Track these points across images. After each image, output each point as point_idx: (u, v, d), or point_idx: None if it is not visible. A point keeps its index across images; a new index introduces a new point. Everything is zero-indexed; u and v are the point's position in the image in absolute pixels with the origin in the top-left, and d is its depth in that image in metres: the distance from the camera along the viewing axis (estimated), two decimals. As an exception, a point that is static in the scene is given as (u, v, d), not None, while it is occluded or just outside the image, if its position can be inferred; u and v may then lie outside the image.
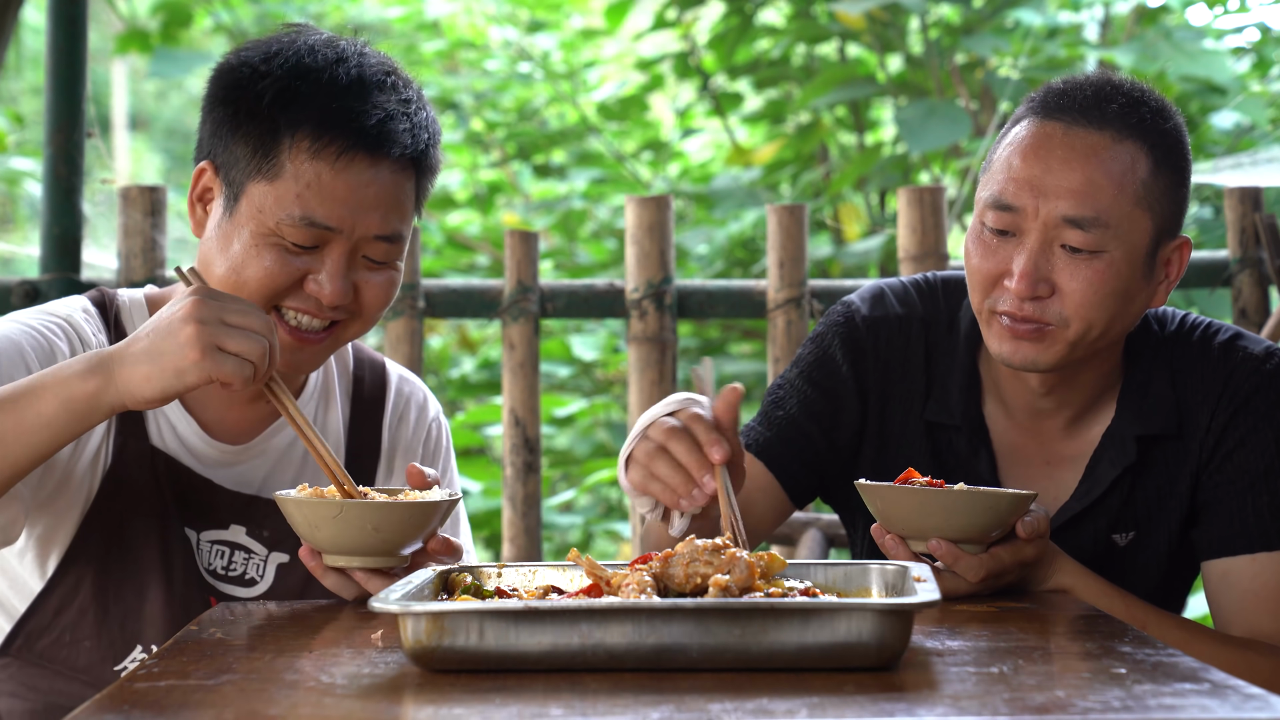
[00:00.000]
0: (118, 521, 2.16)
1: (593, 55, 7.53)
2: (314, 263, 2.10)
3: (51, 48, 3.55)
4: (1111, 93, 2.20)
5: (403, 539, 1.95)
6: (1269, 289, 3.65)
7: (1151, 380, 2.29)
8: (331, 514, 1.92)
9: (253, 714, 1.42)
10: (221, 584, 2.21)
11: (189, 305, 1.90)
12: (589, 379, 6.29)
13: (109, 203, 3.89)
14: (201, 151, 2.16)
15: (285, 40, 2.15)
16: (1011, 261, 2.17)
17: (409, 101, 2.14)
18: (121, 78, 11.39)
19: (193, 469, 2.20)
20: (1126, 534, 2.30)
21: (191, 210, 2.17)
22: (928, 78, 5.72)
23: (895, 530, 2.04)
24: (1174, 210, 2.21)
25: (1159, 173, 2.18)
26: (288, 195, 2.07)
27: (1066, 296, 2.16)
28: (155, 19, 6.87)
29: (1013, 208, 2.17)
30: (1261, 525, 2.24)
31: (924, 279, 2.41)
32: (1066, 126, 2.17)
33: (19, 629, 2.17)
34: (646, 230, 3.56)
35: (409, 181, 2.15)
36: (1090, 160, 2.15)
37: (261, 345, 1.91)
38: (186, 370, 1.89)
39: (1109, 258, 2.15)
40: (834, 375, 2.36)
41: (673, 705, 1.39)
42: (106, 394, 1.91)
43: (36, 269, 3.59)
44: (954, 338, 2.34)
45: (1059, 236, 2.15)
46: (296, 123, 2.08)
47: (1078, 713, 1.36)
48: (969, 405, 2.31)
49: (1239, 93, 5.36)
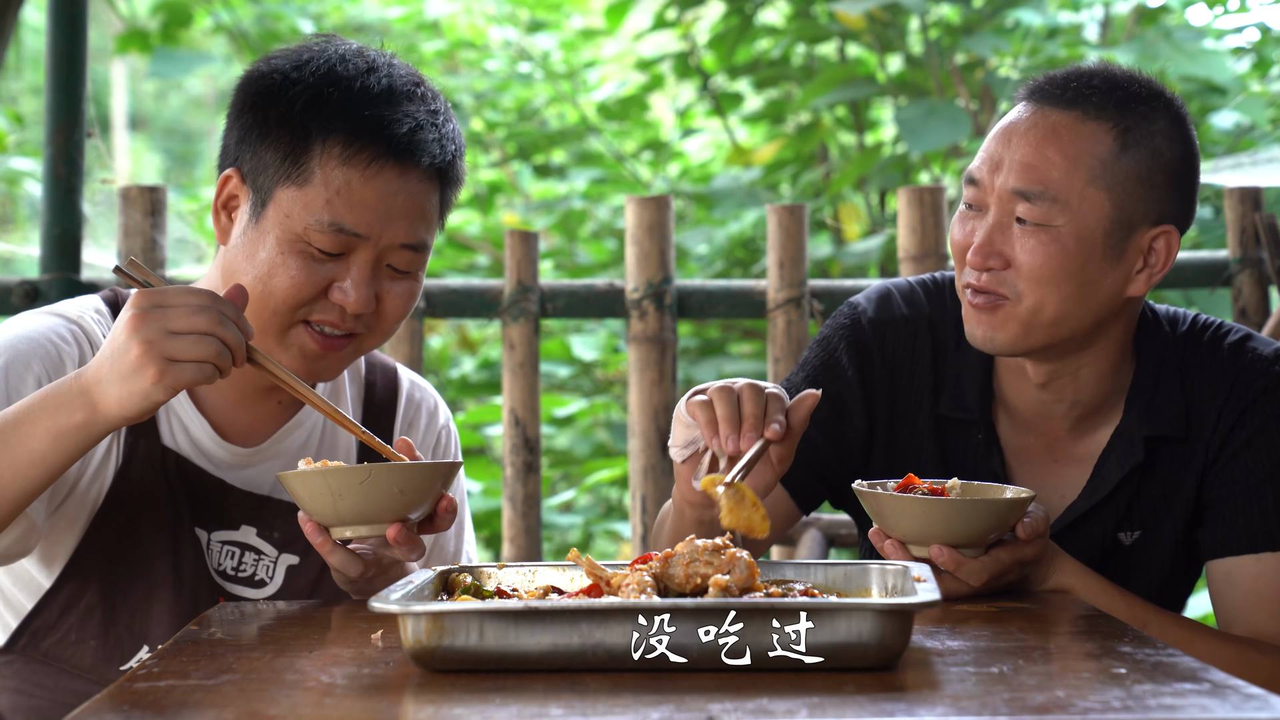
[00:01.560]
0: (127, 520, 2.16)
1: (593, 55, 7.52)
2: (339, 271, 2.10)
3: (51, 48, 3.55)
4: (1091, 76, 2.24)
5: (422, 499, 1.96)
6: (1269, 289, 3.65)
7: (1160, 381, 2.29)
8: (359, 479, 1.92)
9: (253, 714, 1.42)
10: (231, 585, 2.21)
11: (130, 323, 1.87)
12: (589, 379, 6.29)
13: (109, 203, 3.89)
14: (228, 158, 2.16)
15: (316, 49, 2.15)
16: (976, 234, 2.22)
17: (437, 113, 2.16)
18: (121, 78, 11.39)
19: (204, 469, 2.20)
20: (1132, 533, 2.30)
21: (216, 218, 2.17)
22: (928, 78, 5.72)
23: (895, 536, 2.04)
24: (1149, 195, 2.20)
25: (1124, 155, 2.19)
26: (317, 201, 2.08)
27: (1018, 269, 2.19)
28: (155, 19, 6.87)
29: (976, 181, 2.23)
30: (1266, 525, 2.24)
31: (931, 279, 2.43)
32: (1039, 106, 2.23)
33: (24, 627, 2.17)
34: (646, 230, 3.56)
35: (435, 192, 2.15)
36: (1048, 137, 2.20)
37: (213, 346, 1.89)
38: (151, 391, 1.88)
39: (1056, 232, 2.18)
40: (840, 381, 2.36)
41: (673, 705, 1.39)
42: (95, 422, 1.91)
43: (36, 269, 3.59)
44: (963, 337, 2.35)
45: (1012, 209, 2.20)
46: (328, 129, 2.09)
47: (1078, 713, 1.36)
48: (984, 400, 2.32)
49: (1239, 93, 5.36)
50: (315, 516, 1.96)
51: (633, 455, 3.58)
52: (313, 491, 1.94)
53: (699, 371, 5.58)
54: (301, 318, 2.11)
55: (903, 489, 2.06)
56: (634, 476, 3.58)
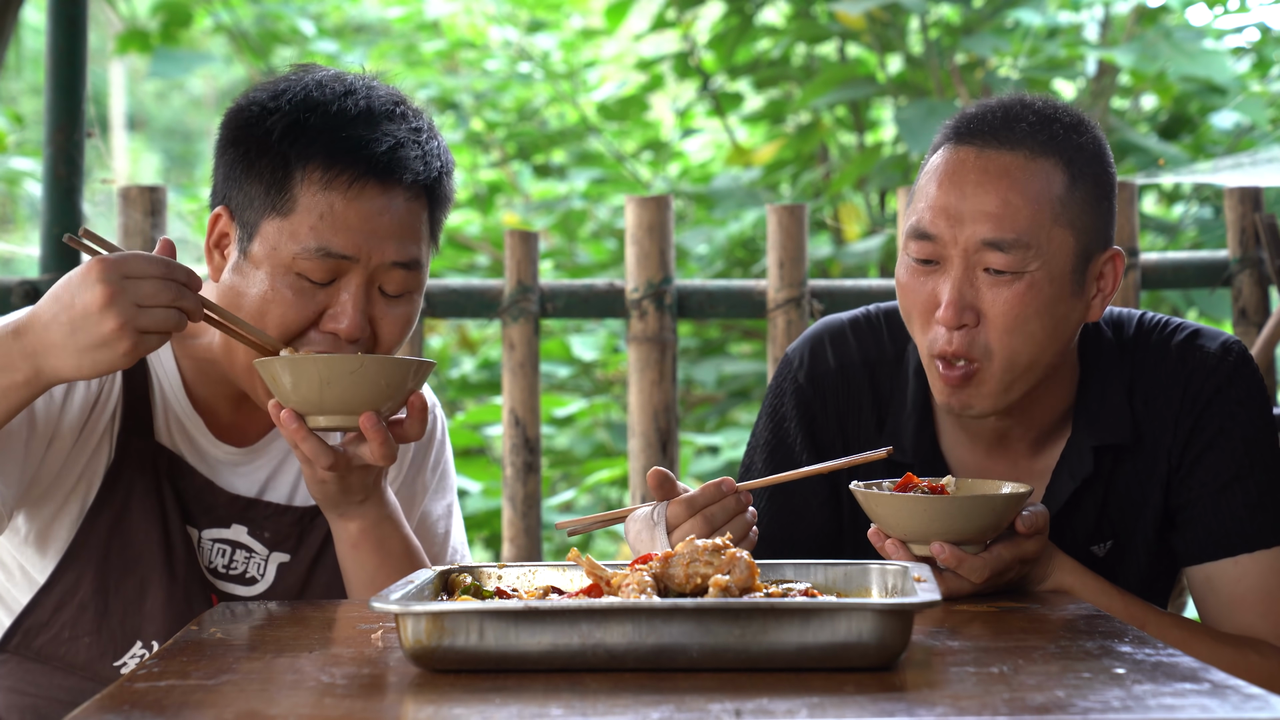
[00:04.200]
0: (120, 516, 2.16)
1: (593, 55, 7.52)
2: (331, 298, 2.10)
3: (51, 48, 3.55)
4: (1022, 111, 2.19)
5: (403, 394, 2.01)
6: (1269, 289, 3.65)
7: (1107, 390, 2.27)
8: (350, 369, 1.96)
9: (253, 714, 1.42)
10: (222, 582, 2.22)
11: (103, 298, 1.87)
12: (589, 379, 6.29)
13: (109, 203, 3.89)
14: (216, 197, 2.16)
15: (293, 79, 2.15)
16: (939, 292, 2.15)
17: (420, 130, 2.15)
18: (121, 78, 11.39)
19: (196, 468, 2.21)
20: (1104, 544, 2.29)
21: (209, 256, 2.17)
22: (928, 78, 5.72)
23: (895, 535, 2.04)
24: (1098, 224, 2.19)
25: (1076, 187, 2.16)
26: (302, 228, 2.07)
27: (991, 323, 2.14)
28: (155, 19, 6.86)
29: (931, 236, 2.16)
30: (1239, 527, 2.23)
31: (864, 315, 2.39)
32: (979, 149, 2.16)
33: (18, 625, 2.17)
34: (646, 230, 3.56)
35: (423, 210, 2.15)
36: (1004, 180, 2.14)
37: (177, 317, 1.91)
38: (117, 361, 1.89)
39: (1030, 278, 2.13)
40: (793, 455, 2.34)
41: (673, 705, 1.39)
42: (38, 382, 1.92)
43: (36, 269, 3.59)
44: (902, 372, 2.33)
45: (981, 261, 2.14)
46: (307, 155, 2.09)
47: (1078, 713, 1.36)
48: (921, 439, 2.29)
49: (1239, 93, 5.36)
50: (296, 404, 1.99)
51: (633, 455, 3.58)
52: (301, 377, 1.97)
53: (699, 371, 5.58)
54: (296, 347, 2.11)
55: (901, 488, 2.07)
56: (634, 476, 3.58)
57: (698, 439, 5.61)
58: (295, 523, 2.24)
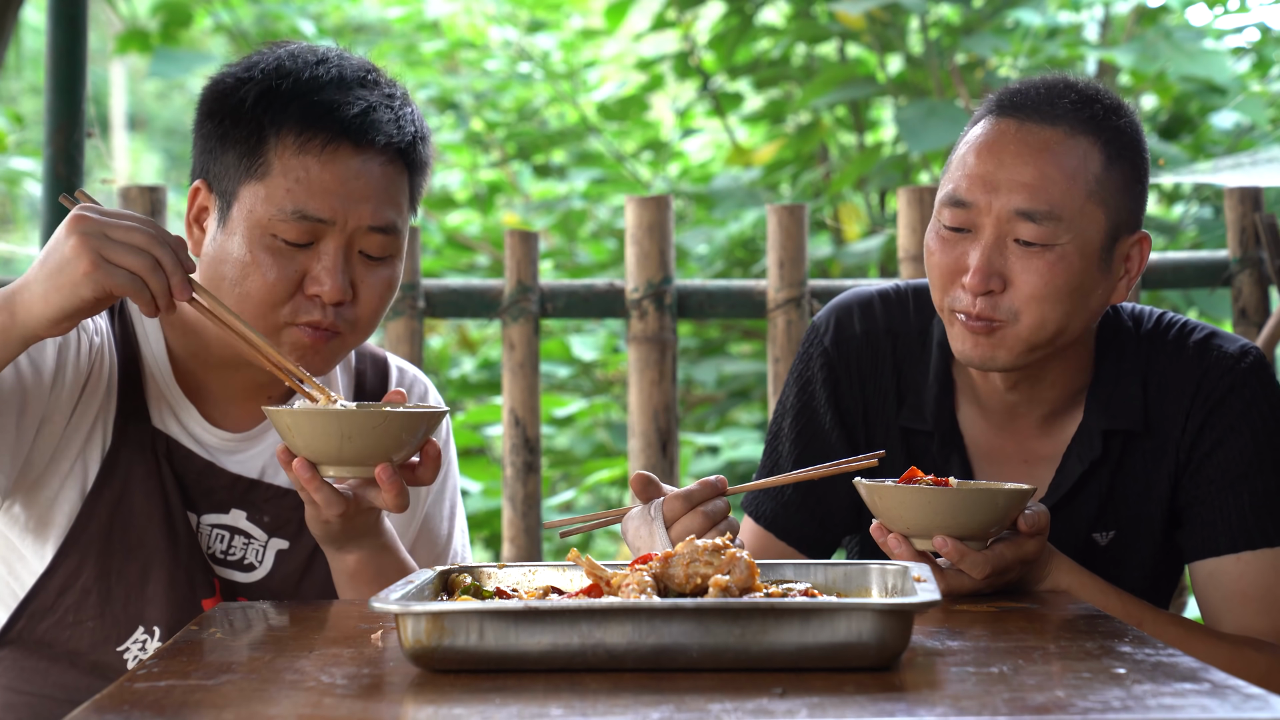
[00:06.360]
0: (120, 500, 2.17)
1: (593, 55, 7.52)
2: (310, 261, 2.11)
3: (51, 48, 3.55)
4: (1065, 90, 2.23)
5: (418, 443, 1.99)
6: (1269, 289, 3.65)
7: (1121, 377, 2.30)
8: (374, 424, 1.93)
9: (253, 714, 1.42)
10: (221, 568, 2.22)
11: (70, 221, 1.89)
12: (589, 379, 6.29)
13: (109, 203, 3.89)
14: (195, 172, 2.19)
15: (266, 52, 2.19)
16: (967, 257, 2.19)
17: (393, 96, 2.18)
18: (121, 78, 11.39)
19: (194, 451, 2.22)
20: (1106, 533, 2.30)
21: (189, 232, 2.18)
22: (928, 78, 5.72)
23: (897, 529, 2.04)
24: (1130, 206, 2.22)
25: (1112, 168, 2.20)
26: (278, 192, 2.09)
27: (1018, 290, 2.17)
28: (155, 19, 6.86)
29: (967, 204, 2.19)
30: (1244, 524, 2.25)
31: (894, 289, 2.42)
32: (1020, 123, 2.20)
33: (21, 611, 2.18)
34: (646, 230, 3.56)
35: (400, 175, 2.17)
36: (1042, 154, 2.17)
37: (147, 260, 1.90)
38: (80, 283, 1.87)
39: (1061, 250, 2.16)
40: (818, 418, 2.38)
41: (673, 705, 1.39)
42: (14, 328, 1.91)
43: (36, 269, 3.58)
44: (926, 345, 2.36)
45: (1012, 230, 2.17)
46: (281, 120, 2.11)
47: (1078, 713, 1.36)
48: (942, 410, 2.32)
49: (1239, 93, 5.36)
50: (312, 455, 1.96)
51: (633, 455, 3.58)
52: (320, 431, 1.93)
53: (699, 371, 5.58)
54: (286, 320, 2.11)
55: (905, 482, 2.07)
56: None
57: (698, 439, 5.61)
58: (296, 507, 2.23)
